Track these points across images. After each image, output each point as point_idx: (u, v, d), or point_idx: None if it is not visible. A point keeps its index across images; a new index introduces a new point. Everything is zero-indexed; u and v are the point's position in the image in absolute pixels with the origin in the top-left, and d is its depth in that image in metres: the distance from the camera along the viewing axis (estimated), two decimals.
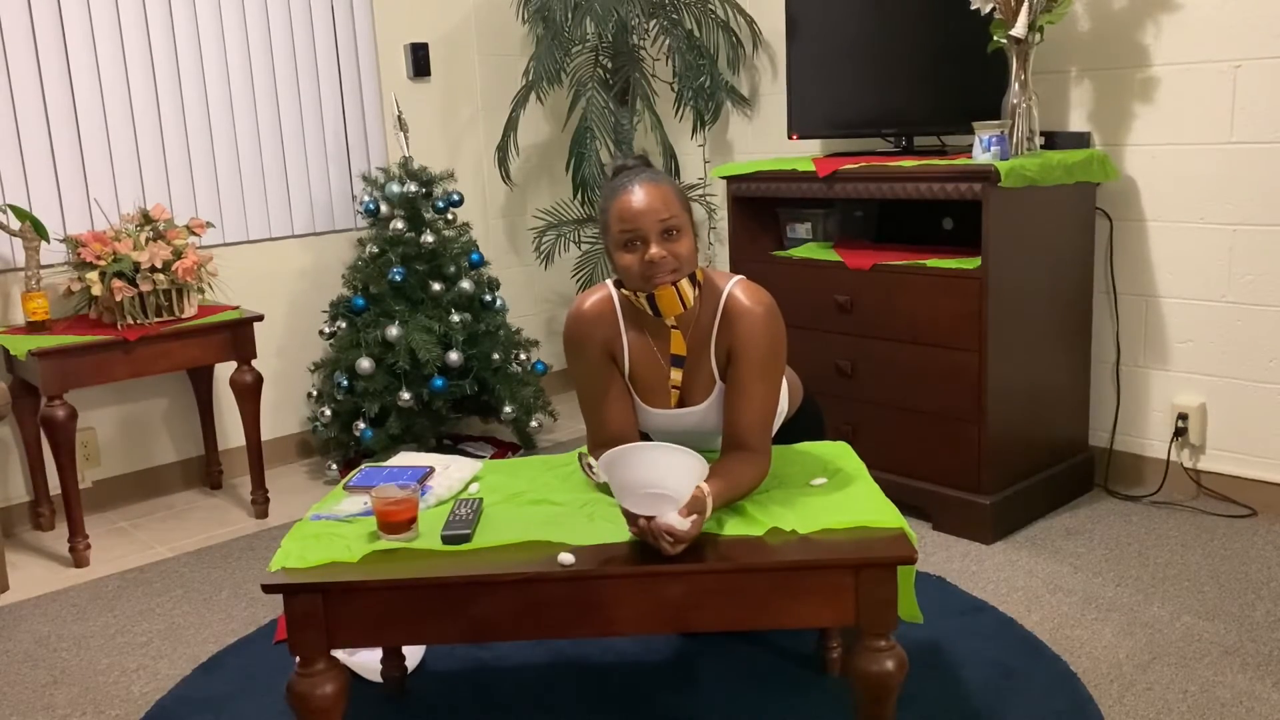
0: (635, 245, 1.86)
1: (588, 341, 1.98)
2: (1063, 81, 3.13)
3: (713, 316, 1.95)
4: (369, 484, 1.95)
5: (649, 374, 1.99)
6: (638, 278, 1.87)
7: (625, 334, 1.99)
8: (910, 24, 3.18)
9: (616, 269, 1.91)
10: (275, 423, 3.81)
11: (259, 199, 3.74)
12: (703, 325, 1.96)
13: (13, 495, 3.34)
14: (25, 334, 3.08)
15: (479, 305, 3.69)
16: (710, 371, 1.97)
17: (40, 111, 3.26)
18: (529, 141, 4.33)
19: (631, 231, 1.85)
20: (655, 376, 2.00)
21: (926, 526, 2.96)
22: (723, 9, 3.97)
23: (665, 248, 1.85)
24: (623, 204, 1.86)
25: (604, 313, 1.99)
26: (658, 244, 1.85)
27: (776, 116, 3.94)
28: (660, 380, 2.00)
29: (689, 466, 1.66)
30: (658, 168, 2.02)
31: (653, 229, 1.84)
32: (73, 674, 2.43)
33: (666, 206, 1.85)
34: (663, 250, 1.84)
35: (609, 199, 1.91)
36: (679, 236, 1.86)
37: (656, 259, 1.84)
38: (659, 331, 1.98)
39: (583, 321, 1.99)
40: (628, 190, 1.87)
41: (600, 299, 2.00)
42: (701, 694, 2.17)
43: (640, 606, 1.68)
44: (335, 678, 1.72)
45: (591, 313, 1.99)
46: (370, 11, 3.93)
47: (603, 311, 1.99)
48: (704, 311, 1.96)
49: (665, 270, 1.85)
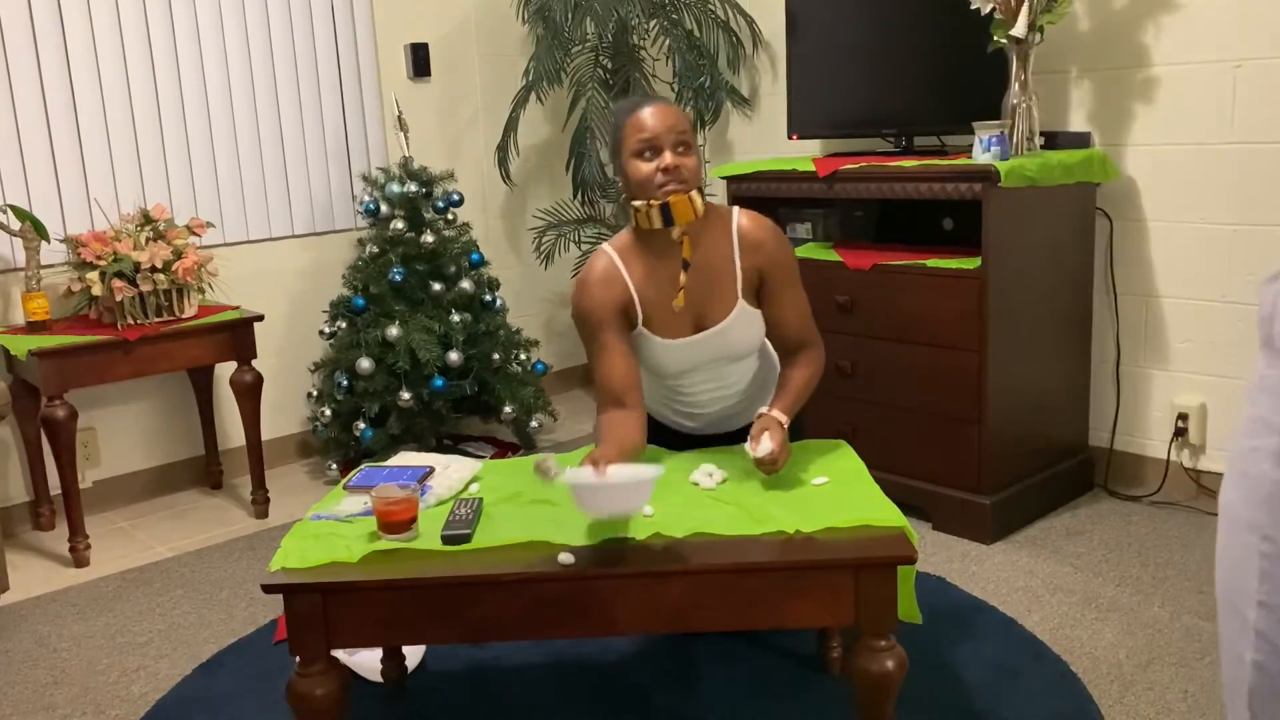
0: (650, 155, 1.97)
1: (598, 309, 2.04)
2: (1063, 81, 3.13)
3: (728, 241, 2.06)
4: (369, 484, 1.95)
5: (664, 308, 2.06)
6: (652, 185, 1.97)
7: (633, 287, 2.06)
8: (910, 24, 3.18)
9: (629, 181, 2.01)
10: (275, 423, 3.81)
11: (259, 199, 3.74)
12: (719, 249, 2.06)
13: (13, 495, 3.34)
14: (25, 334, 3.08)
15: (479, 305, 3.69)
16: (733, 290, 2.05)
17: (40, 111, 3.27)
18: (529, 141, 4.33)
19: (648, 141, 1.97)
20: (670, 307, 2.06)
21: (926, 526, 2.96)
22: (723, 9, 3.97)
23: (678, 159, 1.96)
24: (640, 117, 1.99)
25: (610, 276, 2.06)
26: (672, 154, 1.96)
27: (776, 116, 3.94)
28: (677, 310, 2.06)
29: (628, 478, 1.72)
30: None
31: (668, 140, 1.96)
32: (73, 674, 2.43)
33: (681, 122, 1.99)
34: (676, 160, 1.96)
35: (623, 115, 2.03)
36: (689, 152, 1.99)
37: (672, 166, 1.95)
38: (666, 252, 2.04)
39: (593, 290, 2.05)
40: (644, 106, 2.00)
41: (605, 265, 2.07)
42: (701, 694, 2.17)
43: (640, 606, 1.68)
44: (335, 678, 1.72)
45: (600, 280, 2.05)
46: (370, 11, 3.93)
47: (609, 275, 2.06)
48: (716, 235, 2.06)
49: (678, 179, 1.96)
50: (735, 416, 2.21)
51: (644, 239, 2.05)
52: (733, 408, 2.20)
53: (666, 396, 2.21)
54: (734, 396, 2.18)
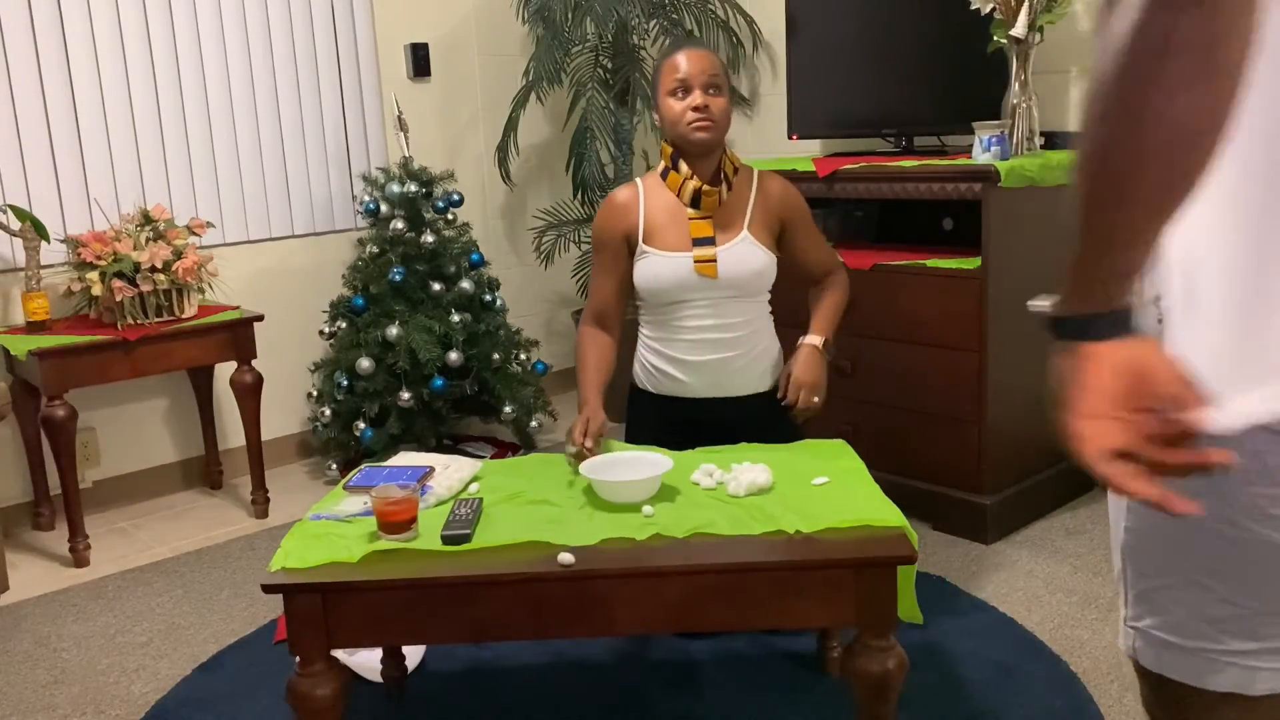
0: (682, 94, 2.19)
1: (605, 231, 2.30)
2: (1063, 81, 3.13)
3: (748, 186, 2.30)
4: (369, 484, 1.95)
5: (671, 228, 2.26)
6: (682, 123, 2.19)
7: (644, 214, 2.27)
8: (910, 24, 3.18)
9: (663, 117, 2.25)
10: (275, 423, 3.80)
11: (259, 199, 3.74)
12: (738, 191, 2.28)
13: (13, 495, 3.34)
14: (25, 334, 3.08)
15: (479, 305, 3.69)
16: (741, 222, 2.27)
17: (40, 111, 3.26)
18: (529, 141, 4.33)
19: (682, 81, 2.18)
20: (676, 227, 2.25)
21: (926, 526, 2.96)
22: (723, 9, 3.97)
23: (709, 101, 2.17)
24: (677, 58, 2.21)
25: (628, 204, 2.29)
26: (702, 95, 2.17)
27: (776, 116, 3.94)
28: (683, 227, 2.25)
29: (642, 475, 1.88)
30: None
31: (699, 81, 2.18)
32: (73, 674, 2.43)
33: (713, 66, 2.21)
34: (705, 99, 2.17)
35: (662, 58, 2.26)
36: (719, 94, 2.20)
37: (700, 105, 2.16)
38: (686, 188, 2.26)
39: (608, 213, 2.30)
40: (681, 49, 2.22)
41: (627, 193, 2.30)
42: (701, 694, 2.17)
43: (640, 606, 1.68)
44: (335, 678, 1.72)
45: (617, 204, 2.29)
46: (370, 11, 3.93)
47: (627, 203, 2.29)
48: (738, 181, 2.29)
49: (706, 118, 2.17)
50: (734, 375, 2.29)
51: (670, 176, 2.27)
52: (731, 362, 2.27)
53: (666, 340, 2.29)
54: (732, 345, 2.26)
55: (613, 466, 1.94)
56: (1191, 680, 1.03)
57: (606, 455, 2.00)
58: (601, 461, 1.96)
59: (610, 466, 1.94)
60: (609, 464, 1.95)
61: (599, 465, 1.94)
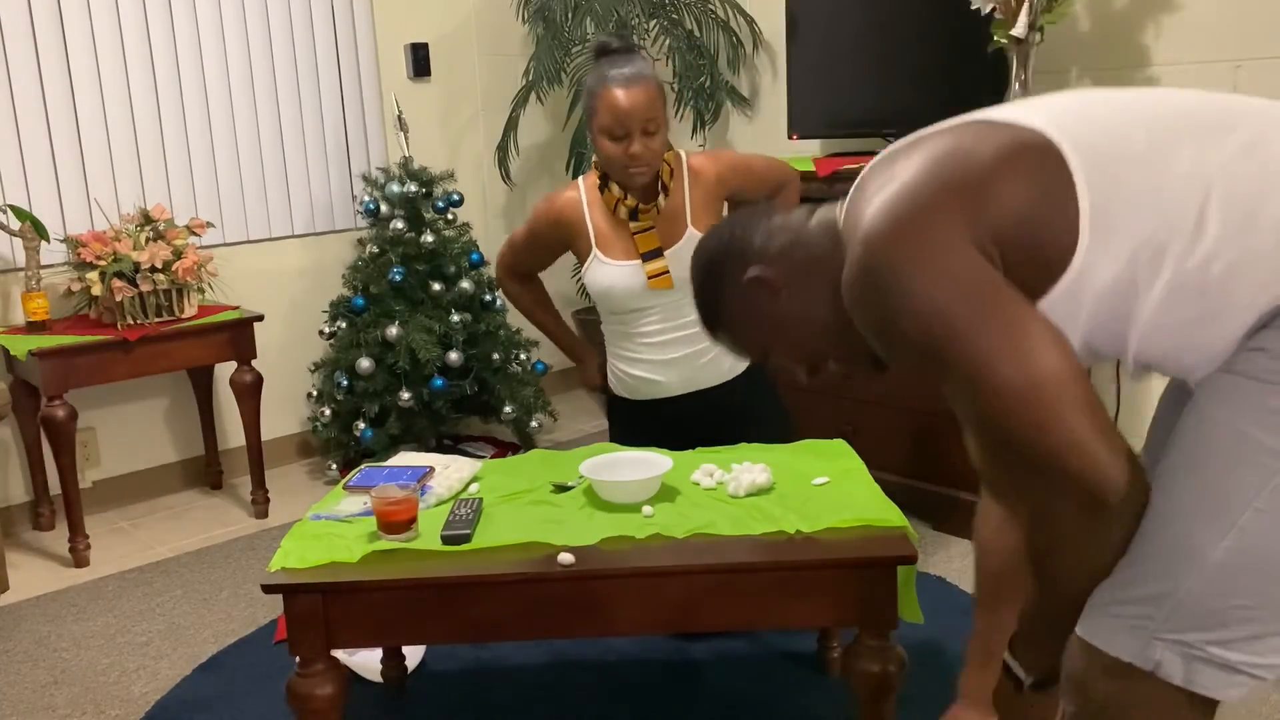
0: (618, 135, 2.12)
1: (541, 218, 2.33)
2: (1063, 81, 3.13)
3: (680, 186, 2.25)
4: (369, 484, 1.95)
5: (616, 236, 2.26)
6: (617, 166, 2.16)
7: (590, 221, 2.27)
8: (910, 24, 3.18)
9: (597, 150, 2.19)
10: (275, 423, 3.80)
11: (259, 199, 3.74)
12: (673, 194, 2.24)
13: (13, 495, 3.34)
14: (25, 334, 3.08)
15: (479, 305, 3.69)
16: (685, 221, 2.24)
17: (40, 111, 3.26)
18: (529, 141, 4.33)
19: (619, 122, 2.11)
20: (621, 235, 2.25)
21: (926, 526, 2.96)
22: (723, 9, 3.97)
23: (644, 143, 2.12)
24: (614, 98, 2.11)
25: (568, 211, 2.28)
26: (639, 141, 2.11)
27: (776, 116, 3.93)
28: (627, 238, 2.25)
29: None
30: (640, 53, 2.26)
31: (636, 125, 2.11)
32: (73, 674, 2.43)
33: (650, 107, 2.12)
34: (641, 146, 2.12)
35: (599, 84, 2.15)
36: (656, 132, 2.14)
37: (638, 155, 2.12)
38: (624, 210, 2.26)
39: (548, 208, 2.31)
40: (619, 85, 2.11)
41: (570, 199, 2.29)
42: (701, 694, 2.17)
43: (640, 606, 1.68)
44: (335, 678, 1.72)
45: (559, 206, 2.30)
46: (370, 11, 3.93)
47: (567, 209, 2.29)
48: (671, 185, 2.24)
49: (642, 163, 2.14)
50: (705, 367, 2.29)
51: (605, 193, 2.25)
52: (702, 354, 2.27)
53: (632, 347, 2.30)
54: (698, 339, 2.26)
55: (613, 466, 1.93)
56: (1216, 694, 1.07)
57: (606, 455, 2.00)
58: (601, 462, 1.96)
59: (610, 466, 1.94)
60: (609, 464, 1.95)
61: (599, 465, 1.94)
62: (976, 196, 1.08)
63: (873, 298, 1.12)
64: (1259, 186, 1.03)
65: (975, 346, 1.05)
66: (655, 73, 2.19)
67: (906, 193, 1.10)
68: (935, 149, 1.13)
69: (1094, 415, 1.04)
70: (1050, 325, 1.07)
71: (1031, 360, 1.04)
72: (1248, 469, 1.01)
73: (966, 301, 1.05)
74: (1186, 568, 1.04)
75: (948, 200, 1.08)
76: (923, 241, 1.08)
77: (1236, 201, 1.02)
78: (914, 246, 1.08)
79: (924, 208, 1.09)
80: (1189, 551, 1.04)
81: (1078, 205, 1.06)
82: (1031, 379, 1.03)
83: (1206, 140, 1.06)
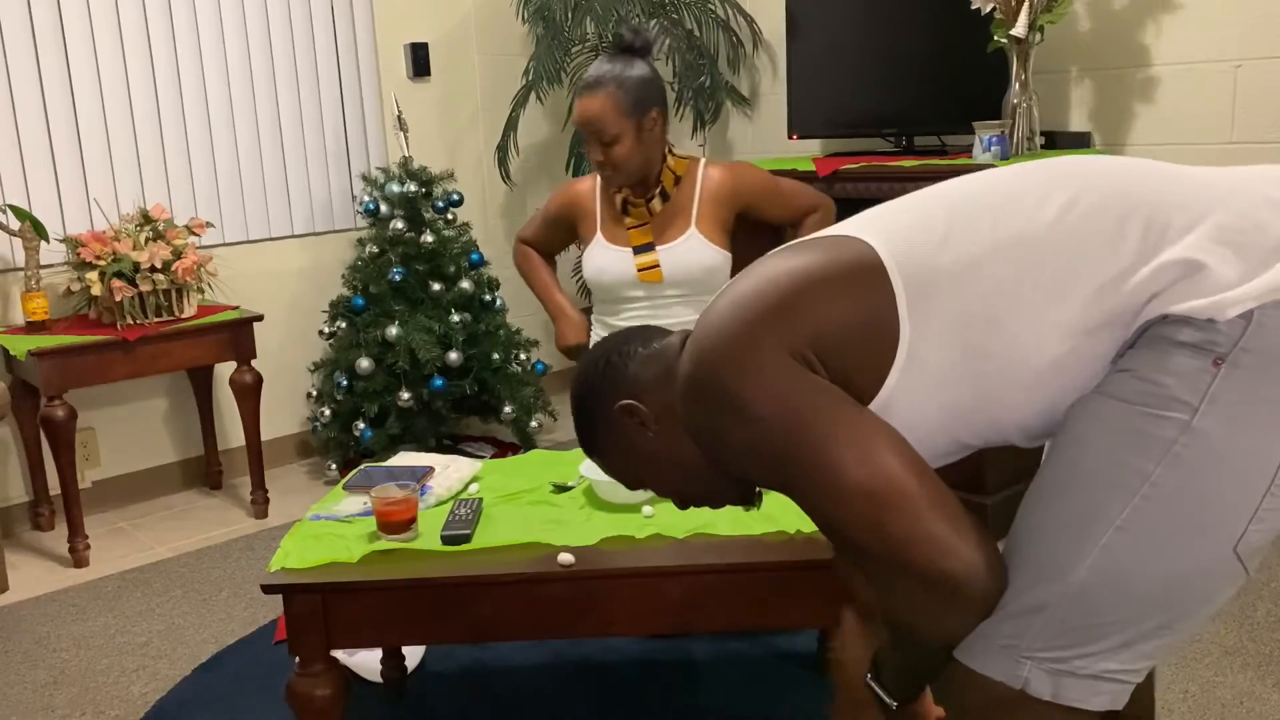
0: (589, 141, 2.19)
1: (556, 204, 2.40)
2: (1063, 81, 3.13)
3: (691, 186, 2.28)
4: (369, 484, 1.95)
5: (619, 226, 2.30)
6: (596, 167, 2.22)
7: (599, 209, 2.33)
8: (910, 24, 3.18)
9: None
10: (275, 423, 3.80)
11: (259, 199, 3.74)
12: (682, 191, 2.28)
13: (13, 495, 3.34)
14: (25, 334, 3.08)
15: (479, 305, 3.69)
16: (688, 221, 2.26)
17: (40, 111, 3.26)
18: (529, 141, 4.33)
19: (582, 129, 2.19)
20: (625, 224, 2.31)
21: None
22: (723, 9, 3.97)
23: (604, 151, 2.16)
24: (577, 103, 2.18)
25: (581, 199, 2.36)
26: (599, 149, 2.16)
27: (776, 116, 3.94)
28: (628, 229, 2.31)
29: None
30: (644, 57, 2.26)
31: (591, 135, 2.16)
32: (73, 674, 2.43)
33: (600, 118, 2.13)
34: (601, 154, 2.16)
35: (577, 90, 2.23)
36: (616, 142, 2.15)
37: (599, 161, 2.18)
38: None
39: (566, 193, 2.40)
40: (581, 91, 2.18)
41: (586, 188, 2.37)
42: (701, 694, 2.17)
43: (640, 606, 1.68)
44: (335, 678, 1.72)
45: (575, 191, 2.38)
46: (370, 11, 3.93)
47: (580, 196, 2.36)
48: (682, 184, 2.28)
49: (607, 168, 2.18)
50: None
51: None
52: None
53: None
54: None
55: None
56: (1084, 704, 1.07)
57: None
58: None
59: None
60: None
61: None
62: (794, 310, 1.11)
63: (702, 411, 1.16)
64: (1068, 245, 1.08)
65: (807, 453, 1.08)
66: (633, 78, 2.15)
67: (732, 311, 1.15)
68: (767, 269, 1.17)
69: (939, 507, 1.05)
70: (881, 423, 1.09)
71: (866, 461, 1.06)
72: (1113, 489, 1.03)
73: (792, 412, 1.08)
74: (1052, 588, 1.06)
75: (767, 316, 1.12)
76: (747, 355, 1.11)
77: (1045, 264, 1.07)
78: (739, 360, 1.11)
79: (747, 321, 1.12)
80: (1054, 572, 1.06)
81: (895, 299, 1.09)
82: (866, 480, 1.05)
83: (1005, 209, 1.11)
